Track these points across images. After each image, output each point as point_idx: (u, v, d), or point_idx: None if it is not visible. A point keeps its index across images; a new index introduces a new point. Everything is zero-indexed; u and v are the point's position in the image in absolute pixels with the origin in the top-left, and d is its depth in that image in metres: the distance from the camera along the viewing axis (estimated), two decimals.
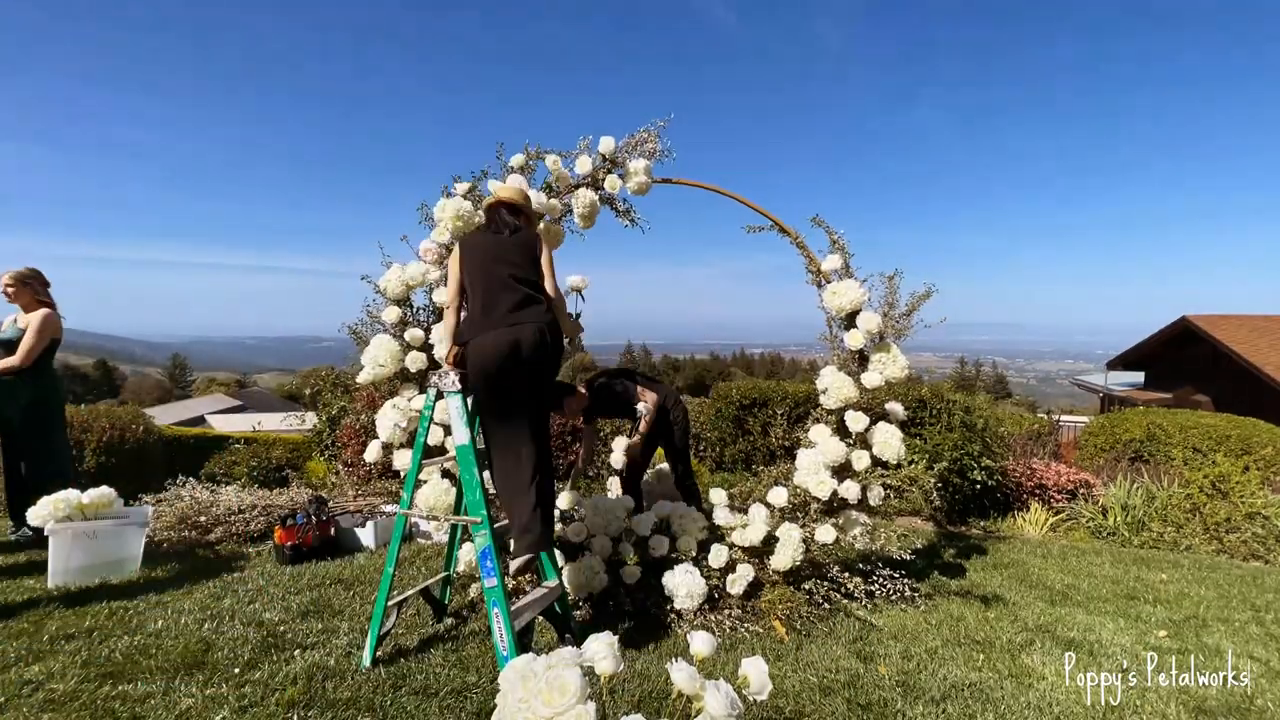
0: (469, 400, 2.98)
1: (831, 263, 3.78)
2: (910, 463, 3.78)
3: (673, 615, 3.44)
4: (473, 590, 3.57)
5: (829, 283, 3.78)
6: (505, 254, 2.99)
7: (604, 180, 3.68)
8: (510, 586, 3.20)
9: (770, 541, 3.61)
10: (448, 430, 3.48)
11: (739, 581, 3.54)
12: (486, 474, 3.12)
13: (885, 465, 3.70)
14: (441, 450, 3.48)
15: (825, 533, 3.58)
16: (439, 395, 3.01)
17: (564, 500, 3.89)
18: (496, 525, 2.94)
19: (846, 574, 3.71)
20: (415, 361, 3.44)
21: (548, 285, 3.05)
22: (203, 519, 4.80)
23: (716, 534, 3.74)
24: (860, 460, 3.62)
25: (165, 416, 17.19)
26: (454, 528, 3.40)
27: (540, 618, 3.15)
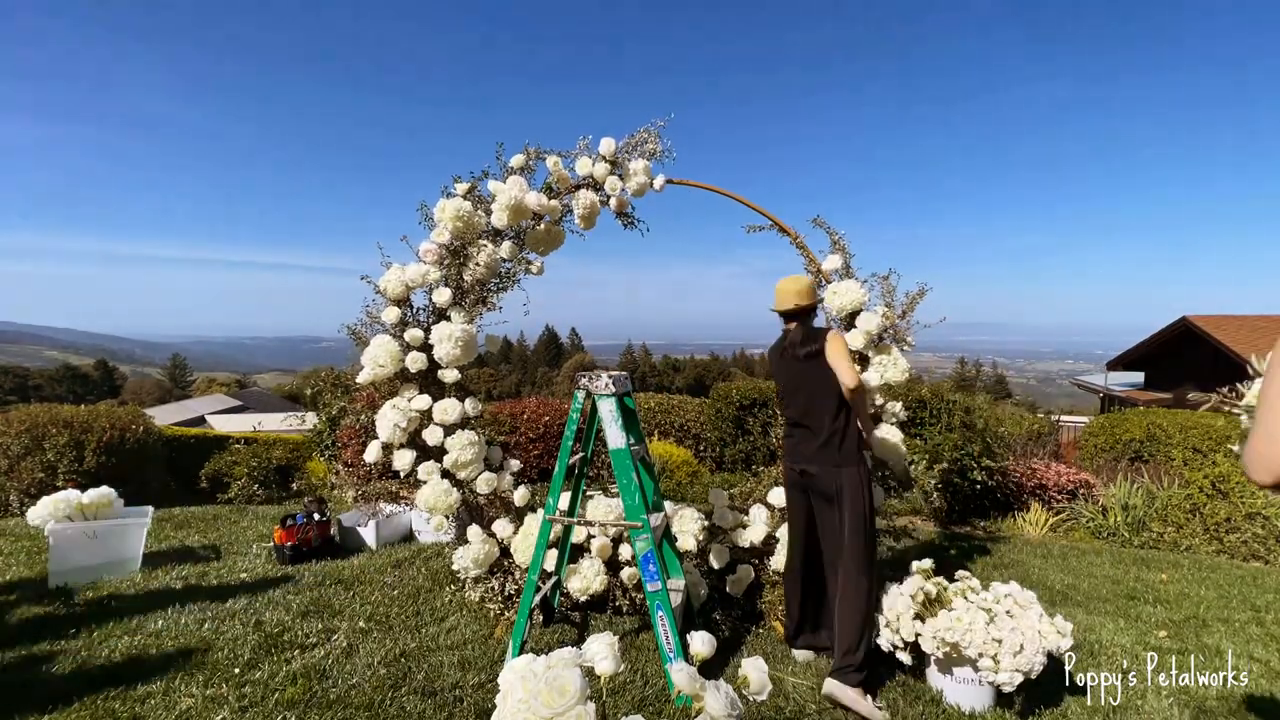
0: (623, 402, 3.02)
1: (832, 263, 3.78)
2: (910, 463, 3.78)
3: None
4: (475, 593, 3.57)
5: (829, 283, 3.78)
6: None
7: (605, 183, 3.68)
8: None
9: (771, 542, 3.61)
10: (448, 430, 3.48)
11: (740, 582, 3.54)
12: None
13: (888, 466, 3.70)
14: (441, 451, 3.47)
15: None
16: (588, 397, 3.02)
17: (564, 501, 3.89)
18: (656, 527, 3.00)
19: None
20: (415, 362, 3.44)
21: None
22: None
23: (716, 534, 3.74)
24: None
25: (165, 417, 17.18)
26: (566, 531, 3.39)
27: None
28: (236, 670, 2.79)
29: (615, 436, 2.91)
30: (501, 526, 3.55)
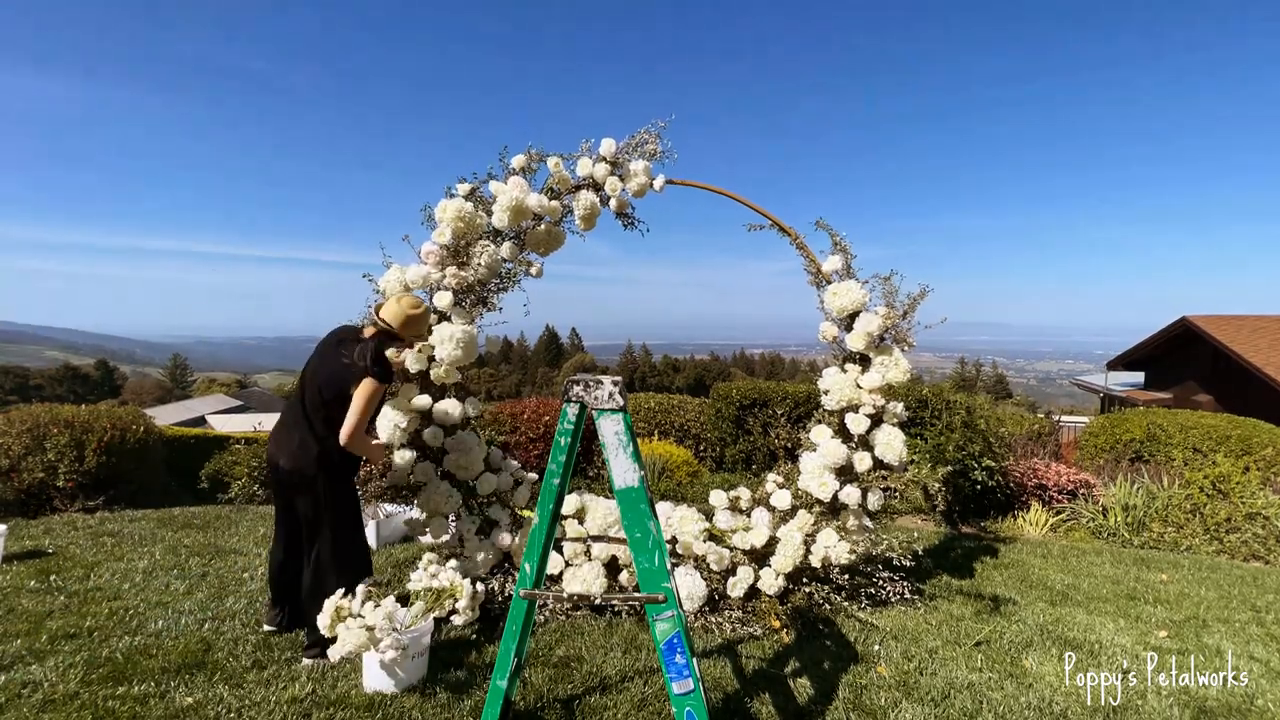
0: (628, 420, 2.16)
1: (832, 264, 3.78)
2: (912, 462, 3.78)
3: None
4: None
5: (830, 284, 3.78)
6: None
7: (605, 183, 3.68)
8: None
9: (773, 545, 3.61)
10: (448, 431, 3.48)
11: (739, 584, 3.53)
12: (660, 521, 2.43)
13: (888, 467, 3.70)
14: (442, 451, 3.48)
15: (828, 536, 3.57)
16: (583, 412, 2.17)
17: (570, 505, 3.88)
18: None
19: (847, 576, 3.71)
20: (415, 362, 3.44)
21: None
22: None
23: (716, 536, 3.74)
24: (862, 462, 3.62)
25: (166, 417, 17.20)
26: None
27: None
28: (236, 670, 2.79)
29: (624, 470, 2.10)
30: (501, 538, 3.55)
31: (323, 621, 2.76)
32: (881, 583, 3.79)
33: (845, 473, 3.66)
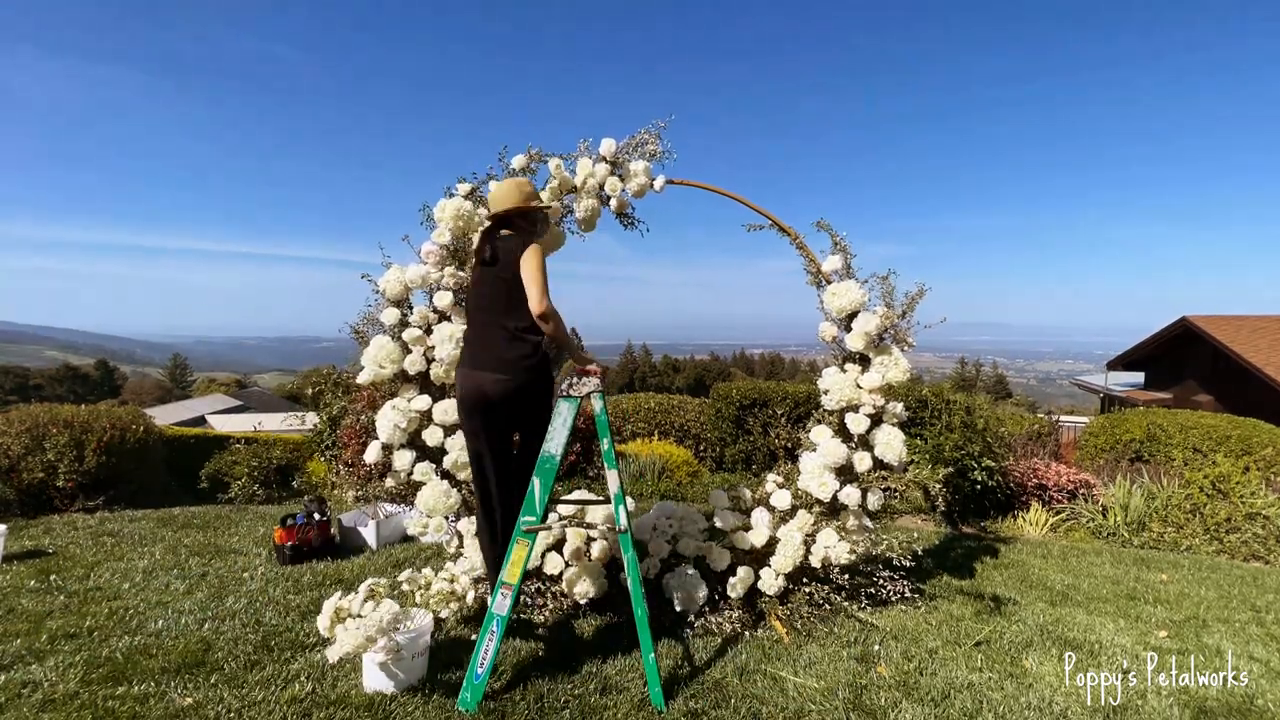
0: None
1: (832, 264, 3.78)
2: (912, 462, 3.78)
3: (674, 618, 3.43)
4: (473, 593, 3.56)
5: (829, 284, 3.78)
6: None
7: (606, 184, 3.68)
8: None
9: (773, 545, 3.61)
10: (448, 431, 3.48)
11: (739, 585, 3.53)
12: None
13: (888, 467, 3.69)
14: (441, 451, 3.48)
15: (828, 536, 3.57)
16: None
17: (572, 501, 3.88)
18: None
19: (846, 576, 3.71)
20: (414, 364, 3.44)
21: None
22: None
23: (717, 536, 3.74)
24: (862, 462, 3.61)
25: (165, 417, 17.21)
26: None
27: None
28: (236, 670, 2.79)
29: (560, 442, 2.87)
30: None
31: (322, 623, 2.76)
32: (881, 583, 3.79)
33: (845, 473, 3.66)
